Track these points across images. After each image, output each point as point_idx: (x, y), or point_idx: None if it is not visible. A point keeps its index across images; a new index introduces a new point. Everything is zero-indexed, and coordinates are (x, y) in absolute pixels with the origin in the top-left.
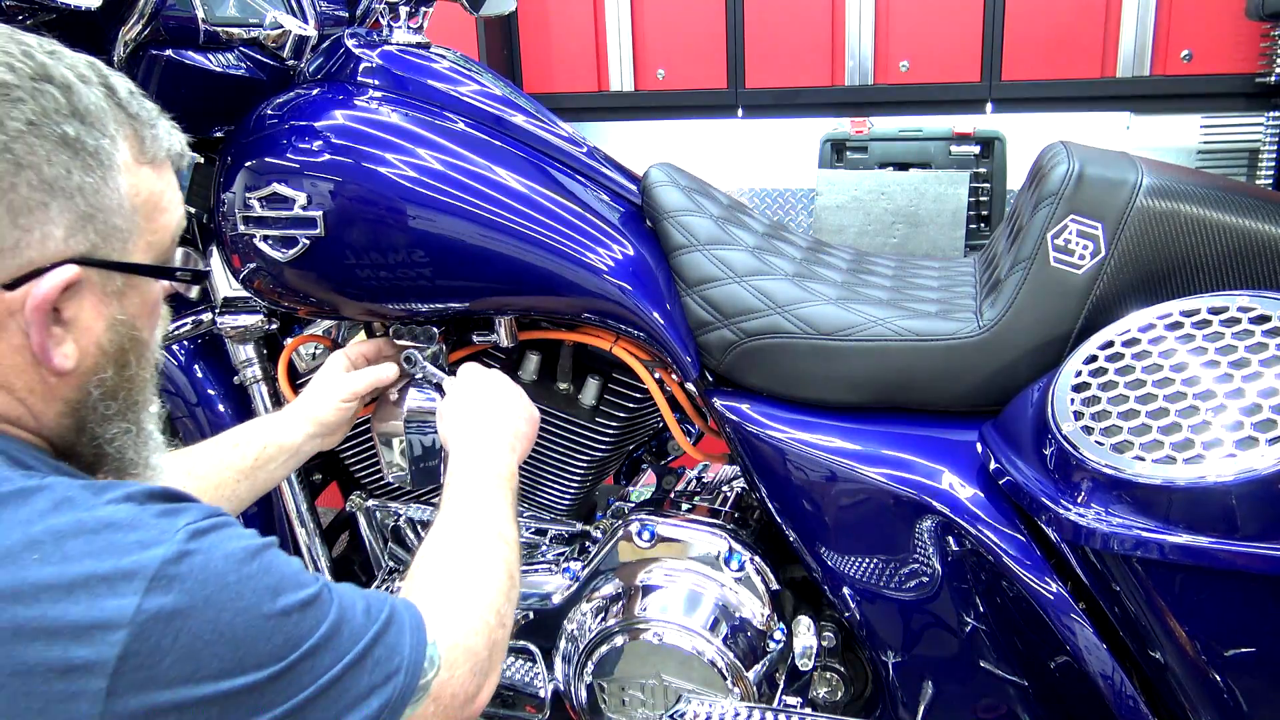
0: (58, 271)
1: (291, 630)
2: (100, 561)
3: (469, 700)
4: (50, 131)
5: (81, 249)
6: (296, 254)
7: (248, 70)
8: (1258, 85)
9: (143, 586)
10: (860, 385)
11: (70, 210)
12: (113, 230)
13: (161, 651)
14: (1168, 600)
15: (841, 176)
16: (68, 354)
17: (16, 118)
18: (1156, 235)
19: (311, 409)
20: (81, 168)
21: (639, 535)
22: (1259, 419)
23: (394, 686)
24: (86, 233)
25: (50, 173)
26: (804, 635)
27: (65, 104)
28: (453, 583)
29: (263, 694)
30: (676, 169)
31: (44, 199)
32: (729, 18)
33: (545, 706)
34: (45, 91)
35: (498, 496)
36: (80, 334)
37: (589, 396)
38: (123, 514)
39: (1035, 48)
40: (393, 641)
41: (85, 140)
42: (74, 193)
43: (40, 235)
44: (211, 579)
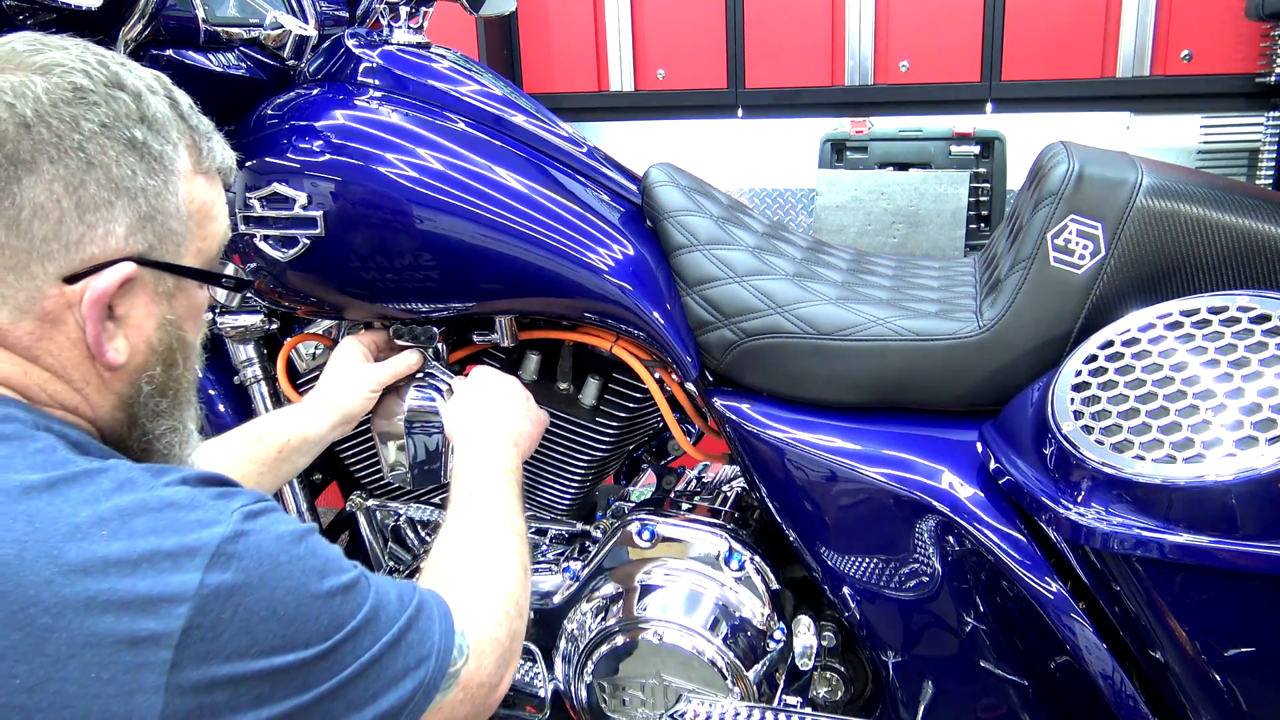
0: (117, 268)
1: (336, 611)
2: (164, 539)
3: (493, 689)
4: (120, 134)
5: (139, 248)
6: (296, 254)
7: (248, 70)
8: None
9: (204, 563)
10: (860, 385)
11: (133, 210)
12: (169, 233)
13: (221, 625)
14: (1168, 600)
15: (841, 176)
16: (119, 349)
17: (91, 119)
18: (1156, 235)
19: (336, 398)
20: (146, 171)
21: (639, 535)
22: (1259, 418)
23: (426, 670)
24: (145, 233)
25: (118, 173)
26: (804, 635)
27: (135, 110)
28: (471, 575)
29: (310, 672)
30: (676, 169)
31: (110, 197)
32: (729, 18)
33: (545, 706)
34: (118, 97)
35: (505, 489)
36: (131, 331)
37: (589, 396)
38: (182, 495)
39: (1035, 48)
40: (424, 628)
41: (151, 145)
42: (138, 194)
43: (103, 232)
44: (265, 558)
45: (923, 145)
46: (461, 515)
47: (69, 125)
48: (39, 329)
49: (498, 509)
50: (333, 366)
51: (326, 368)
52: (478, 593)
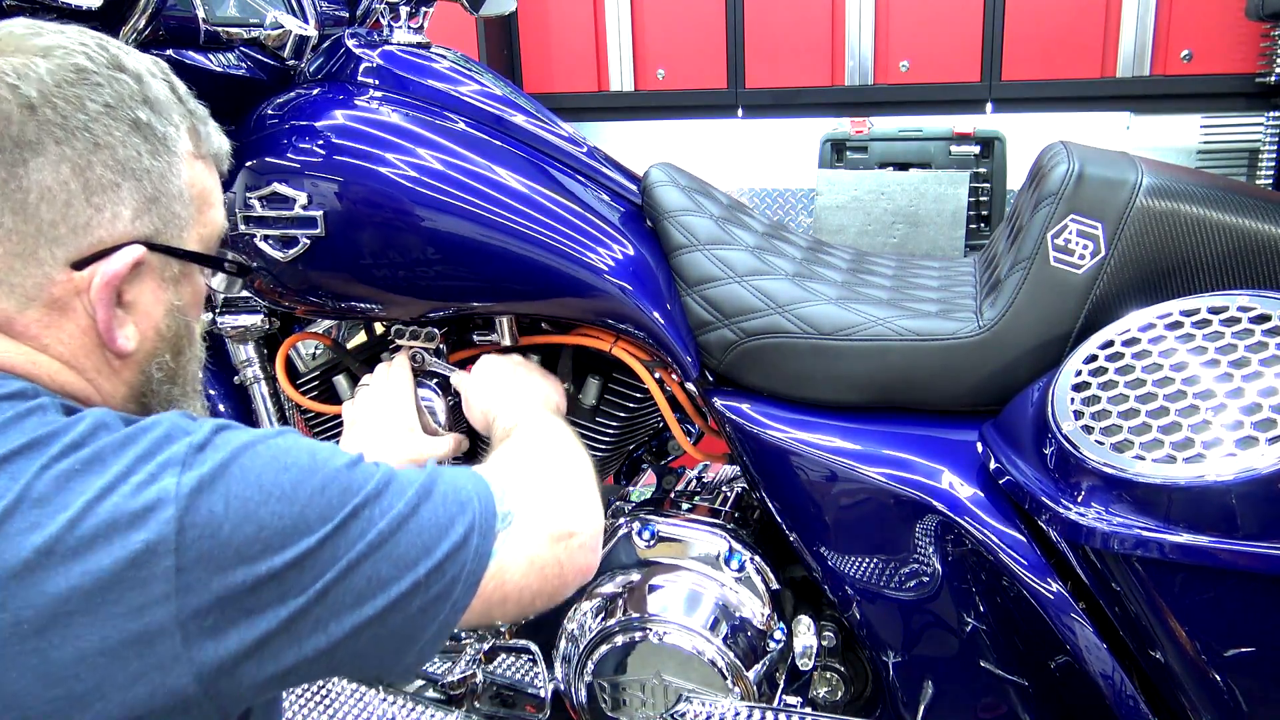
0: (126, 251)
1: (346, 481)
2: (136, 460)
3: (571, 519)
4: (125, 115)
5: (146, 231)
6: (297, 254)
7: (248, 70)
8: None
9: (178, 468)
10: (860, 385)
11: (139, 192)
12: (173, 217)
13: (217, 519)
14: (1168, 600)
15: (841, 176)
16: (129, 336)
17: (96, 100)
18: (1156, 235)
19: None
20: (151, 152)
21: (639, 535)
22: (1259, 418)
23: (472, 512)
24: (151, 216)
25: (124, 154)
26: (804, 635)
27: (138, 91)
28: (520, 455)
29: (335, 546)
30: (676, 169)
31: (117, 179)
32: (729, 18)
33: (545, 706)
34: (120, 79)
35: (551, 418)
36: (141, 317)
37: (589, 396)
38: (149, 420)
39: (1035, 48)
40: (451, 479)
41: (155, 127)
42: (143, 175)
43: (111, 215)
44: (243, 448)
45: (923, 145)
46: (516, 437)
47: (74, 106)
48: (47, 317)
49: (547, 423)
50: (384, 425)
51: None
52: (523, 461)
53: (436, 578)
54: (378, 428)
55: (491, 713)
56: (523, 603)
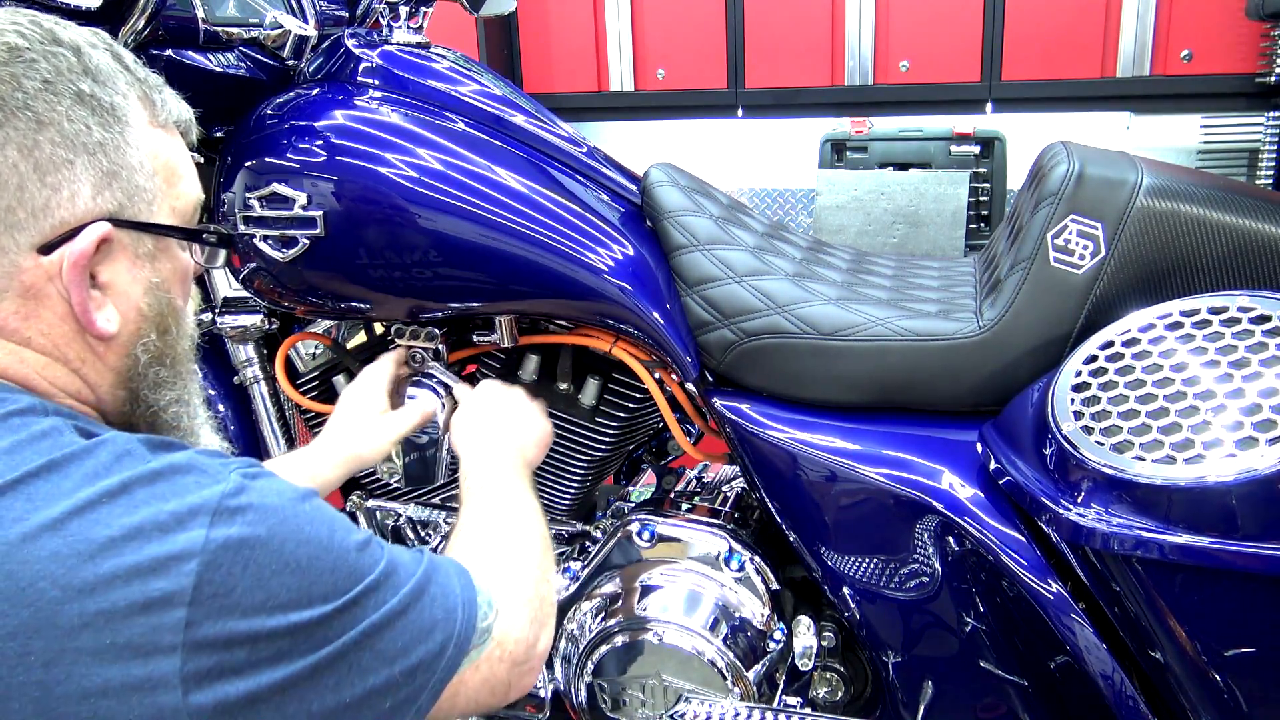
0: (91, 229)
1: (353, 564)
2: (165, 501)
3: (531, 646)
4: (66, 88)
5: (109, 207)
6: (296, 254)
7: (248, 70)
8: (1258, 85)
9: (208, 519)
10: (860, 385)
11: (95, 167)
12: (137, 190)
13: (233, 579)
14: (1168, 600)
15: (841, 176)
16: (109, 318)
17: (32, 77)
18: (1156, 235)
19: (353, 445)
20: (100, 124)
21: (639, 535)
22: (1259, 419)
23: (454, 623)
24: (113, 190)
25: (70, 129)
26: (804, 635)
27: (77, 63)
28: (492, 544)
29: (331, 625)
30: (676, 169)
31: (68, 155)
32: (729, 18)
33: (545, 706)
34: (57, 53)
35: (518, 480)
36: (119, 297)
37: (589, 396)
38: (180, 459)
39: (1035, 48)
40: (443, 583)
41: (100, 97)
42: (95, 149)
43: (69, 194)
44: (271, 512)
45: (923, 145)
46: (477, 500)
47: (10, 85)
48: (23, 307)
49: (513, 492)
50: (352, 407)
51: (344, 405)
52: (500, 558)
53: (408, 680)
54: (348, 414)
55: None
56: (460, 710)
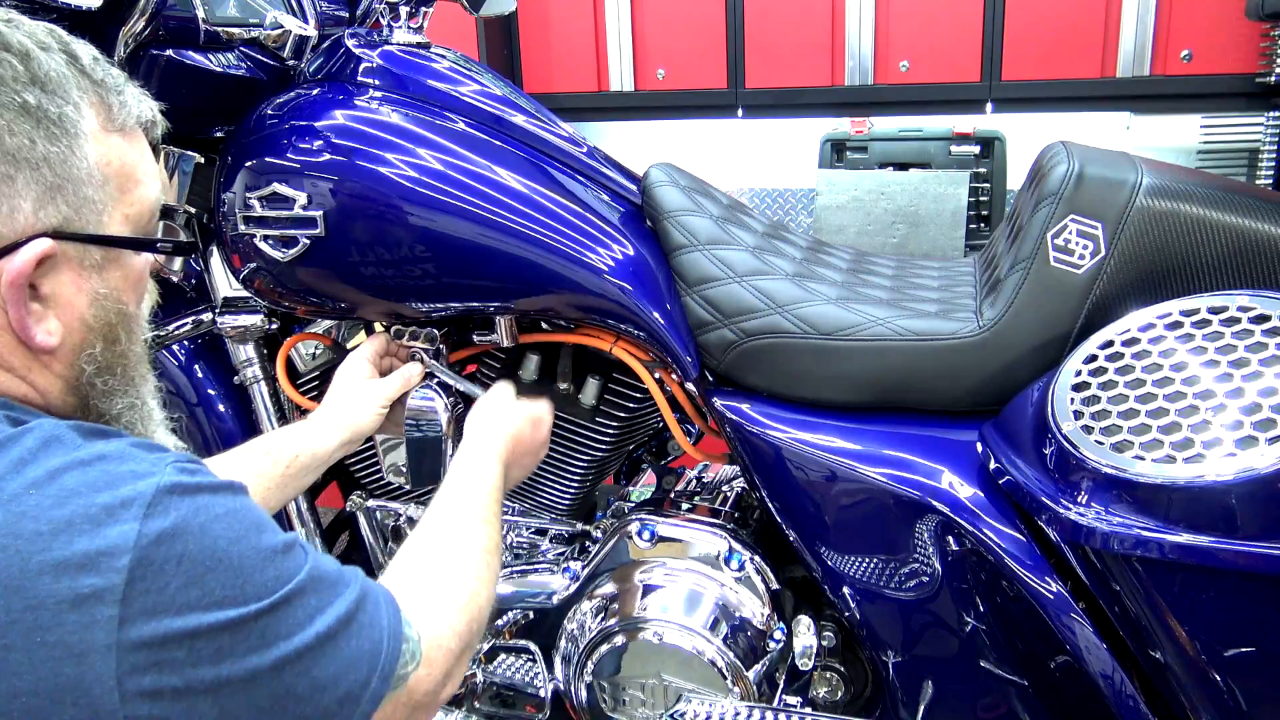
0: (29, 246)
1: (281, 566)
2: (97, 493)
3: (434, 696)
4: (9, 101)
5: (53, 222)
6: (297, 254)
7: (248, 70)
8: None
9: (141, 512)
10: (860, 385)
11: (37, 182)
12: (85, 201)
13: (166, 575)
14: (1168, 600)
15: (841, 176)
16: (50, 330)
17: None
18: (1156, 235)
19: (347, 416)
20: (46, 137)
21: (639, 535)
22: (1259, 418)
23: (379, 658)
24: (57, 204)
25: (12, 143)
26: (804, 635)
27: (23, 71)
28: (433, 579)
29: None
30: (676, 169)
31: (8, 171)
32: (729, 18)
33: (545, 706)
34: (2, 60)
35: (484, 504)
36: (62, 310)
37: (589, 396)
38: (112, 448)
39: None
40: (372, 611)
41: (47, 108)
42: (39, 163)
43: (8, 209)
44: (203, 508)
45: (923, 145)
46: (433, 521)
47: None
48: None
49: (472, 519)
50: (340, 382)
51: (334, 383)
52: (437, 598)
53: (336, 710)
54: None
55: (491, 713)
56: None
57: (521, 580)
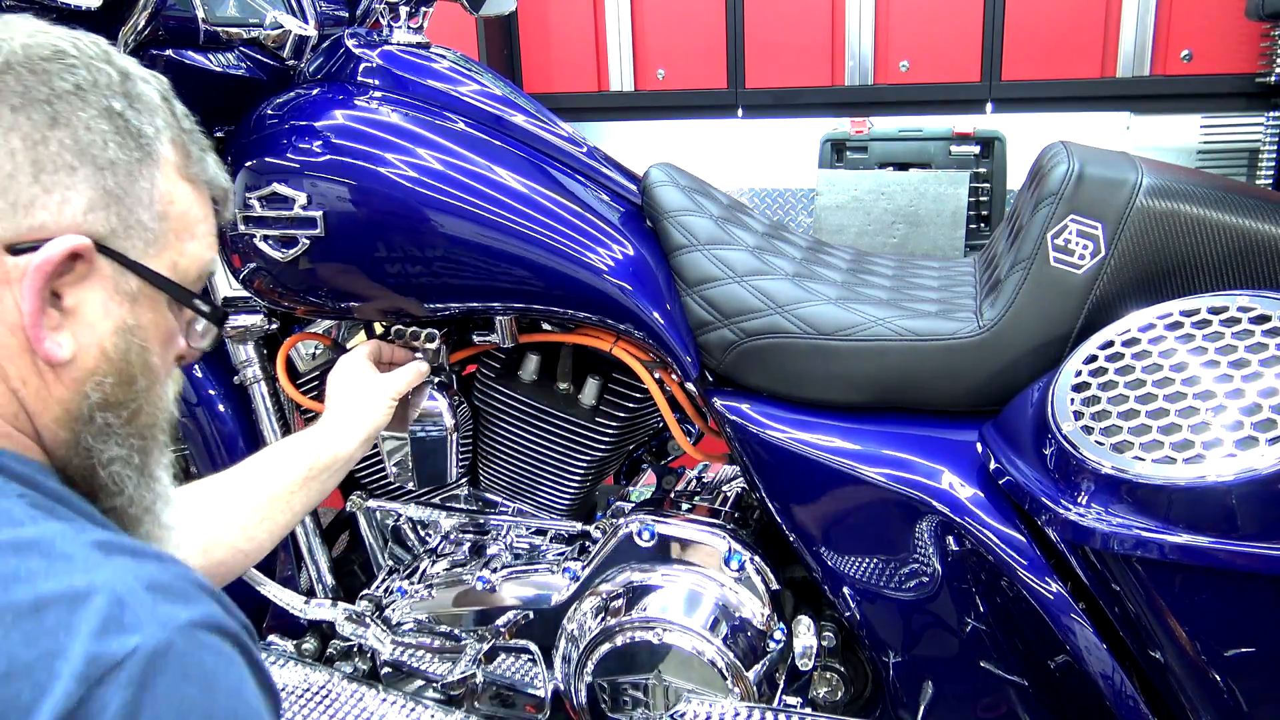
0: (68, 237)
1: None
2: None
3: None
4: (97, 100)
5: (100, 229)
6: (296, 254)
7: (248, 70)
8: (1258, 85)
9: (85, 681)
10: (860, 385)
11: (97, 183)
12: (136, 224)
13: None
14: (1168, 600)
15: (841, 176)
16: (61, 342)
17: (66, 79)
18: (1156, 235)
19: (363, 414)
20: (119, 144)
21: (639, 535)
22: (1259, 419)
23: None
24: (108, 214)
25: (86, 138)
26: (804, 635)
27: (119, 82)
28: None
29: None
30: (676, 169)
31: (73, 162)
32: (729, 18)
33: (545, 706)
34: (101, 68)
35: None
36: (81, 328)
37: (589, 396)
38: (41, 535)
39: (1035, 48)
40: None
41: (130, 119)
42: (105, 166)
43: (59, 199)
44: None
45: (923, 145)
46: None
47: (39, 78)
48: None
49: None
50: (345, 383)
51: (336, 386)
52: None
53: None
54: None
55: (491, 713)
56: None
57: (521, 580)
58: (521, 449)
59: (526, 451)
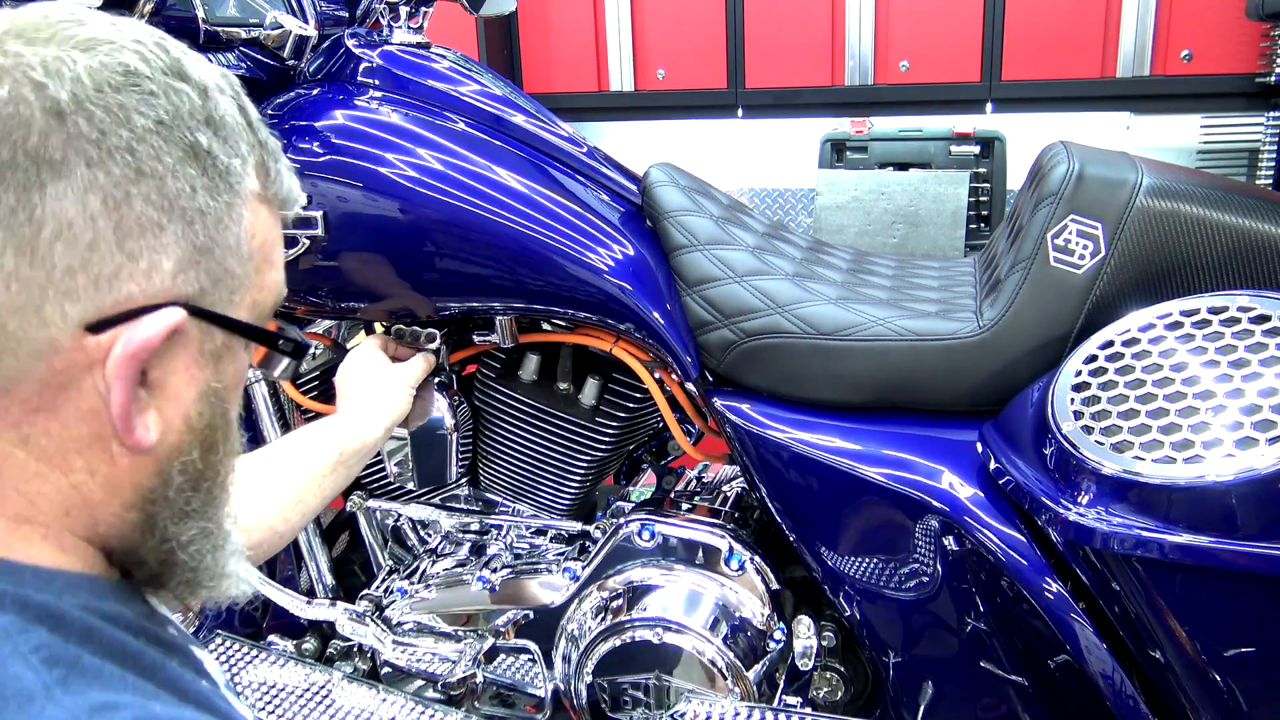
0: (163, 314)
1: None
2: None
3: None
4: (181, 137)
5: (189, 290)
6: (296, 254)
7: (248, 70)
8: (1258, 85)
9: None
10: (860, 385)
11: (186, 240)
12: (225, 275)
13: None
14: (1168, 600)
15: (841, 176)
16: (149, 425)
17: (145, 113)
18: (1156, 235)
19: (385, 404)
20: (208, 189)
21: (639, 535)
22: (1258, 419)
23: None
24: (199, 270)
25: (174, 187)
26: (804, 635)
27: (201, 108)
28: None
29: None
30: (676, 169)
31: (160, 219)
32: (729, 18)
33: (545, 706)
34: (180, 90)
35: None
36: (166, 402)
37: (589, 397)
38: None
39: (1035, 48)
40: None
41: (218, 156)
42: (195, 218)
43: (147, 265)
44: None
45: (923, 145)
46: None
47: (116, 118)
48: (38, 397)
49: None
50: (364, 373)
51: (354, 375)
52: None
53: None
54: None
55: (491, 713)
56: None
57: (521, 580)
58: (521, 449)
59: (526, 451)
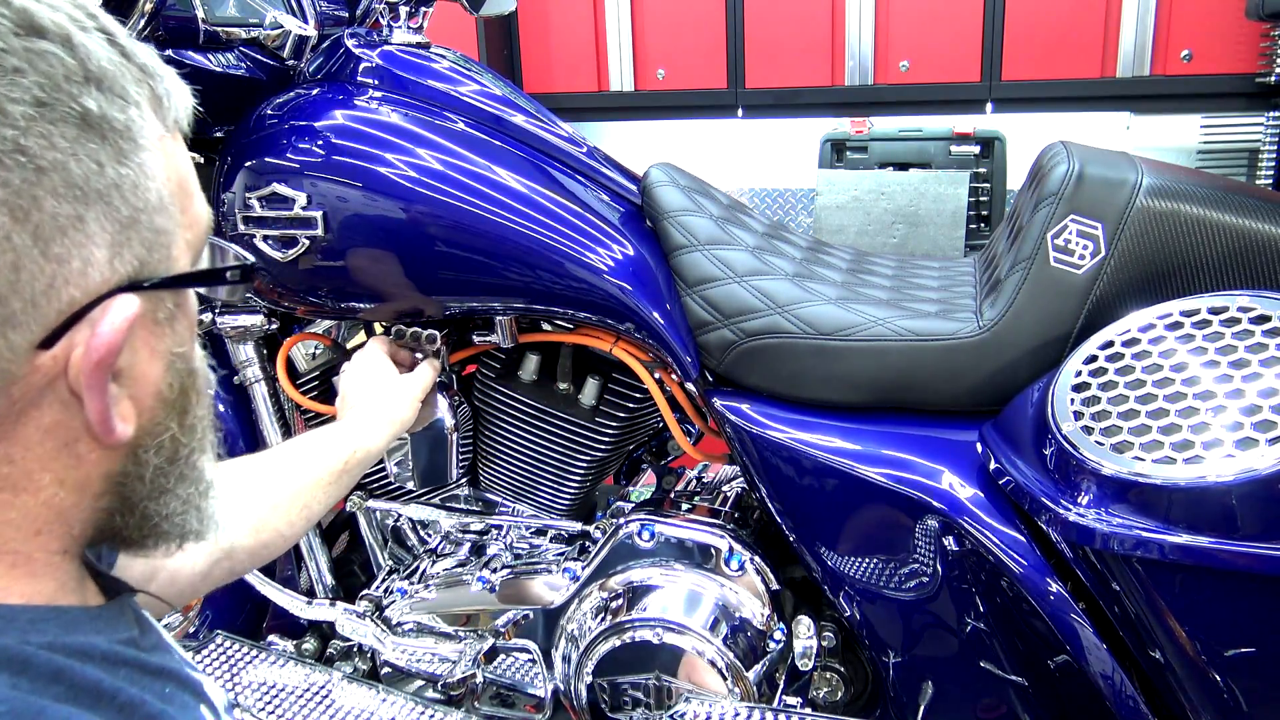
0: (117, 308)
1: None
2: None
3: None
4: (67, 111)
5: (128, 270)
6: (296, 254)
7: (248, 70)
8: (1258, 85)
9: None
10: (860, 385)
11: (111, 220)
12: (157, 237)
13: None
14: (1168, 600)
15: (841, 176)
16: (125, 415)
17: (19, 98)
18: (1156, 235)
19: (390, 411)
20: (114, 157)
21: (639, 535)
22: (1259, 419)
23: None
24: (132, 244)
25: (79, 171)
26: (804, 635)
27: (76, 67)
28: None
29: None
30: (676, 169)
31: (76, 211)
32: (729, 18)
33: (545, 706)
34: (42, 51)
35: None
36: (136, 386)
37: (589, 397)
38: None
39: (1035, 48)
40: None
41: (112, 116)
42: (111, 194)
43: (80, 264)
44: None
45: (923, 145)
46: None
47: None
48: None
49: None
50: (370, 379)
51: (359, 380)
52: None
53: None
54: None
55: (491, 713)
56: None
57: (521, 580)
58: (521, 449)
59: (526, 451)
